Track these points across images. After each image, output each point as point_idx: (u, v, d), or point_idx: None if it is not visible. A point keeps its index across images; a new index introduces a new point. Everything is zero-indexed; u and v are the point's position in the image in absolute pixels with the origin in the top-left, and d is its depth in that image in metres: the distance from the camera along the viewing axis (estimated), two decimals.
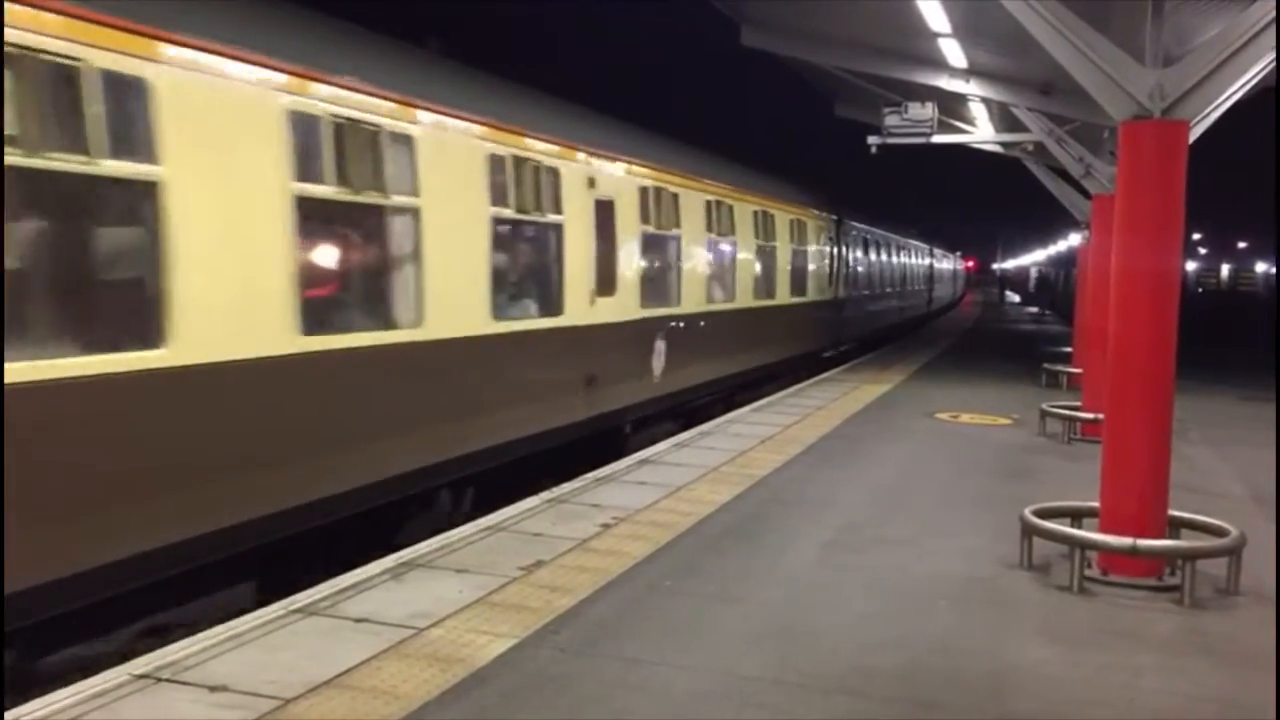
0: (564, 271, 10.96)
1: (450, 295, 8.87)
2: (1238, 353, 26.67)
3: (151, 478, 6.01)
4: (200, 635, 5.65)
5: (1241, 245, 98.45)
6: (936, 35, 12.50)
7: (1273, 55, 6.79)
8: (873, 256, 30.73)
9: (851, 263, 26.71)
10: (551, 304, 10.86)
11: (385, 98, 8.02)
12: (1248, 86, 7.32)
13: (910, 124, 16.06)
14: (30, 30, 5.26)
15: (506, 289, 10.08)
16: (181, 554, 6.19)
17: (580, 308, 11.30)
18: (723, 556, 7.48)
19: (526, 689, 5.08)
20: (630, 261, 12.74)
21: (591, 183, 11.48)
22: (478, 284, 9.33)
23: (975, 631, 6.10)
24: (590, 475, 10.17)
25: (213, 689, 4.92)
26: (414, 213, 8.36)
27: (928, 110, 15.96)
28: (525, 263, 10.76)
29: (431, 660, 5.36)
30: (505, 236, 10.01)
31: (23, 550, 5.12)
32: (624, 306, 12.48)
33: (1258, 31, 6.69)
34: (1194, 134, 7.21)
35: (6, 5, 5.12)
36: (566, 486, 9.61)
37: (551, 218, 10.71)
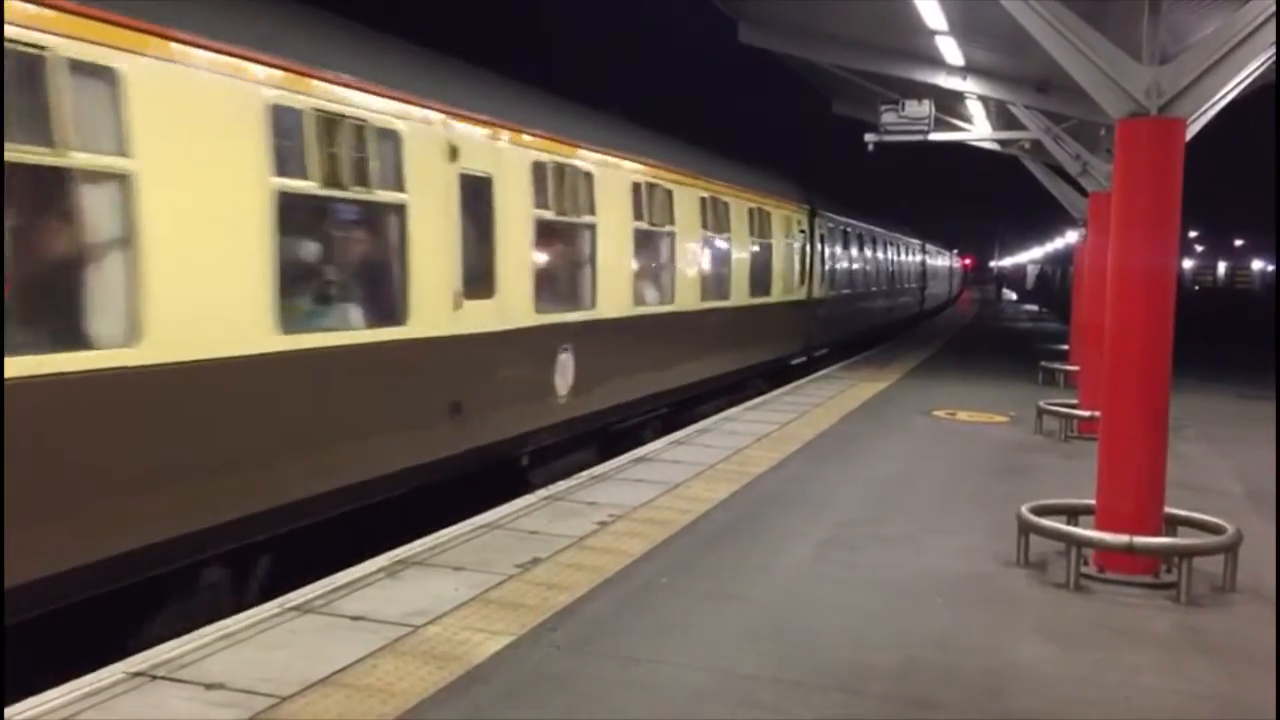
0: (408, 267, 8.45)
1: (199, 297, 6.44)
2: (1234, 351, 26.69)
3: None
4: (196, 633, 5.64)
5: (1238, 243, 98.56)
6: (934, 33, 12.49)
7: (1269, 53, 6.79)
8: (854, 252, 28.01)
9: (828, 259, 23.97)
10: (388, 309, 8.37)
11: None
12: (1244, 84, 7.32)
13: (907, 122, 16.06)
14: None
15: (306, 291, 7.67)
16: None
17: (436, 314, 8.81)
18: (720, 554, 7.47)
19: (523, 687, 5.07)
20: (518, 255, 10.15)
21: (453, 153, 9.02)
22: (249, 283, 6.83)
23: (972, 629, 6.10)
24: (586, 473, 10.17)
25: (208, 687, 4.91)
26: (123, 182, 5.90)
27: (925, 108, 15.95)
28: (342, 256, 8.19)
29: (428, 658, 5.35)
30: (302, 220, 7.56)
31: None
32: (508, 311, 9.93)
33: (1254, 29, 6.70)
34: (1190, 131, 7.21)
35: None
36: (563, 484, 9.60)
37: (386, 196, 8.21)
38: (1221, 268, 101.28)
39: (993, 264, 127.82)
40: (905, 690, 5.20)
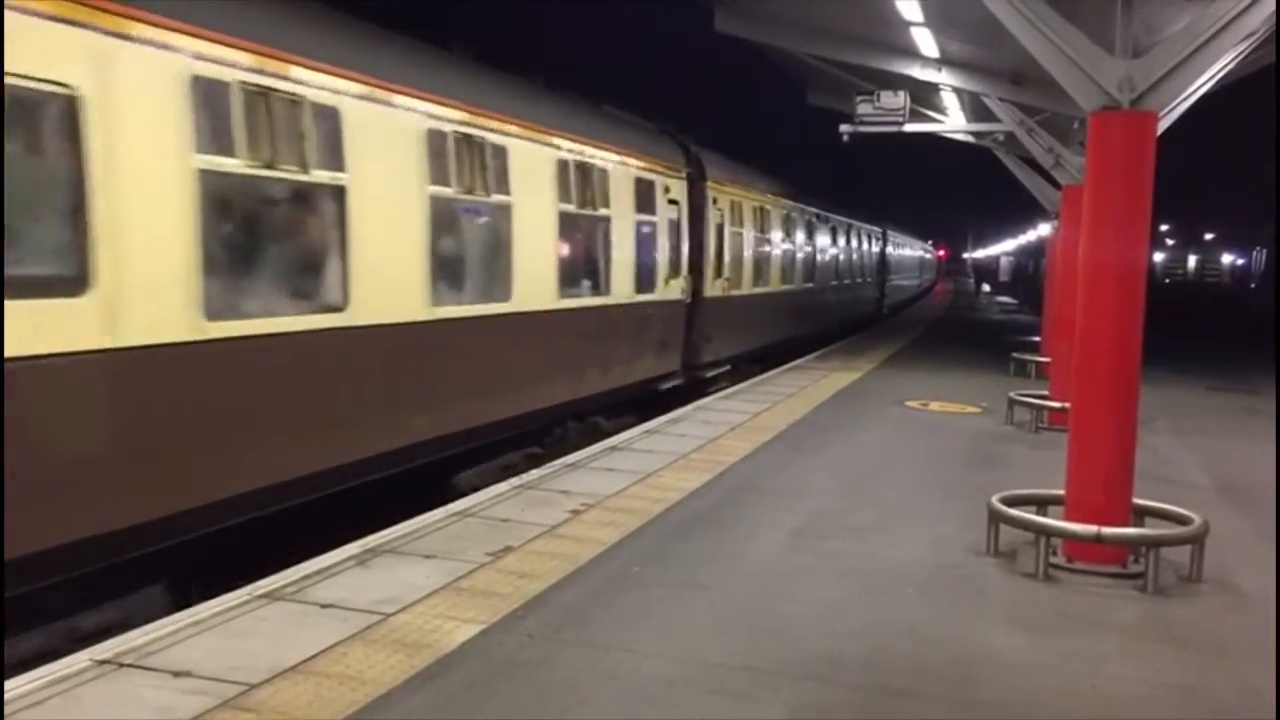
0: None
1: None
2: (1204, 343, 26.96)
3: None
4: (164, 620, 5.61)
5: (1209, 237, 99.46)
6: (909, 24, 12.53)
7: (1241, 48, 6.84)
8: (774, 236, 21.92)
9: (727, 244, 18.30)
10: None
11: None
12: (1216, 78, 7.38)
13: (883, 113, 16.06)
14: None
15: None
16: None
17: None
18: (692, 543, 7.48)
19: (493, 675, 5.06)
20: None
21: None
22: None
23: (942, 618, 6.13)
24: (559, 461, 10.15)
25: (176, 674, 4.88)
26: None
27: (900, 99, 15.97)
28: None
29: (398, 646, 5.34)
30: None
31: None
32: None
33: (1225, 24, 6.75)
34: (1162, 125, 7.26)
35: None
36: (535, 473, 9.59)
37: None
38: (1192, 261, 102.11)
39: (966, 255, 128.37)
40: (875, 679, 5.22)
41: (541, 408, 11.50)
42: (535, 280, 11.11)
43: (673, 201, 15.59)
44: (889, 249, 42.97)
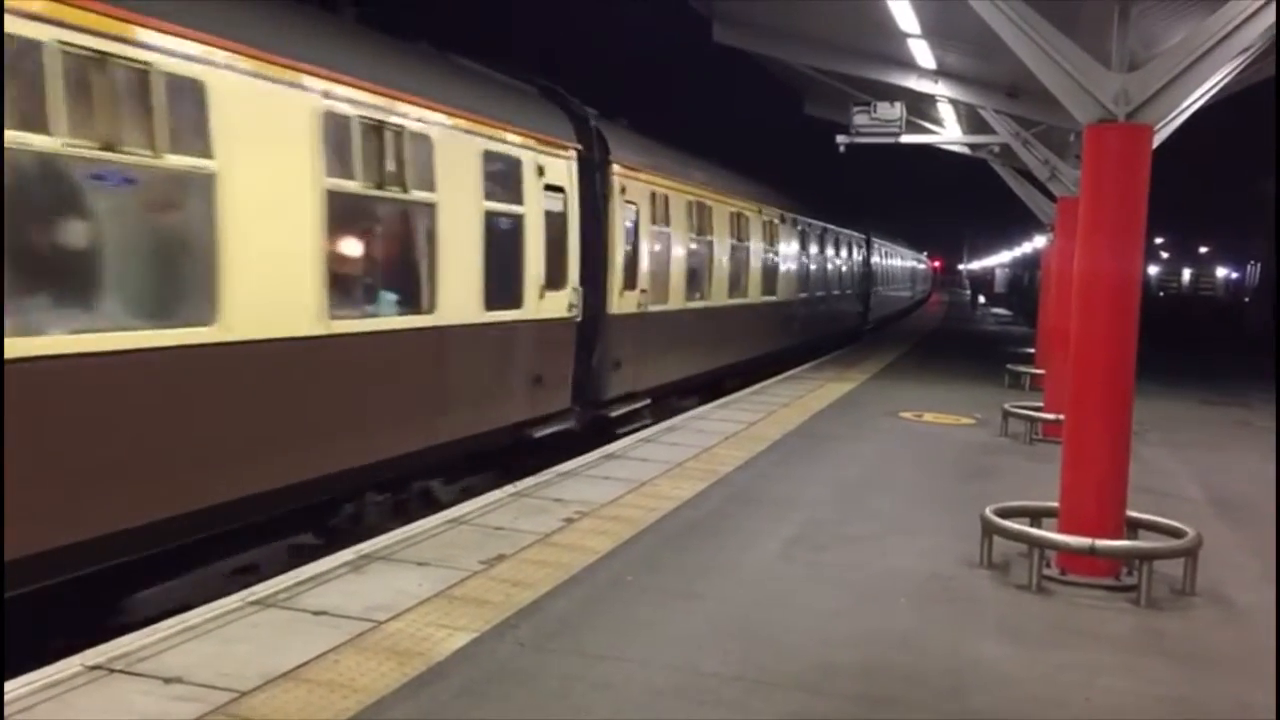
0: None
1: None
2: (1198, 357, 27.00)
3: None
4: (155, 626, 5.58)
5: (1203, 250, 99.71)
6: (906, 36, 12.56)
7: (1236, 62, 6.86)
8: (722, 239, 18.27)
9: (651, 247, 14.70)
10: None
11: None
12: (1212, 92, 7.40)
13: (879, 124, 16.11)
14: None
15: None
16: None
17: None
18: (685, 552, 7.47)
19: (485, 683, 5.05)
20: None
21: None
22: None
23: (935, 629, 6.13)
24: (554, 469, 10.14)
25: (167, 681, 4.86)
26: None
27: (896, 110, 16.02)
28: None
29: (390, 654, 5.32)
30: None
31: None
32: None
33: (1221, 38, 6.76)
34: (1158, 138, 7.28)
35: None
36: (530, 480, 9.57)
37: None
38: (1186, 274, 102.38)
39: (962, 267, 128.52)
40: (868, 689, 5.21)
41: (310, 479, 7.82)
42: (276, 293, 7.43)
43: (554, 188, 11.62)
44: (875, 258, 39.06)
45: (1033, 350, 20.68)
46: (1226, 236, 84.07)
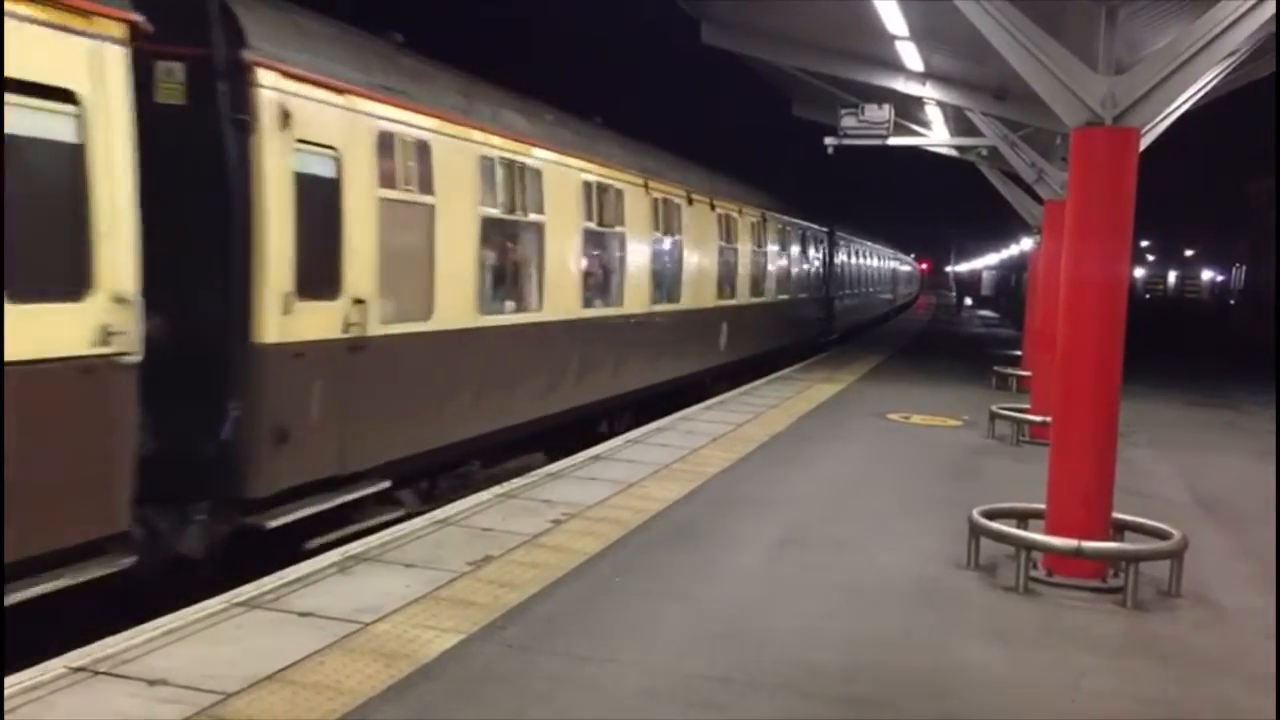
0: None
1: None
2: (1184, 359, 27.10)
3: None
4: (140, 628, 5.54)
5: (1189, 253, 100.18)
6: (894, 38, 12.57)
7: (1223, 65, 6.89)
8: (571, 221, 12.59)
9: (378, 223, 8.67)
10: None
11: None
12: (1199, 95, 7.43)
13: (867, 126, 16.12)
14: None
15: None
16: None
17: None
18: (673, 554, 7.47)
19: (472, 685, 5.04)
20: None
21: None
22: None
23: (922, 631, 6.13)
24: (541, 471, 10.13)
25: (151, 683, 4.84)
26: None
27: (884, 112, 16.03)
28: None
29: (376, 655, 5.30)
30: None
31: None
32: None
33: (1208, 42, 6.78)
34: (1145, 141, 7.29)
35: None
36: (517, 482, 9.56)
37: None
38: (1172, 277, 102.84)
39: (949, 269, 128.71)
40: (855, 691, 5.21)
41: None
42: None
43: (60, 93, 5.67)
44: (839, 256, 33.07)
45: (1019, 352, 20.73)
46: (1212, 239, 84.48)
